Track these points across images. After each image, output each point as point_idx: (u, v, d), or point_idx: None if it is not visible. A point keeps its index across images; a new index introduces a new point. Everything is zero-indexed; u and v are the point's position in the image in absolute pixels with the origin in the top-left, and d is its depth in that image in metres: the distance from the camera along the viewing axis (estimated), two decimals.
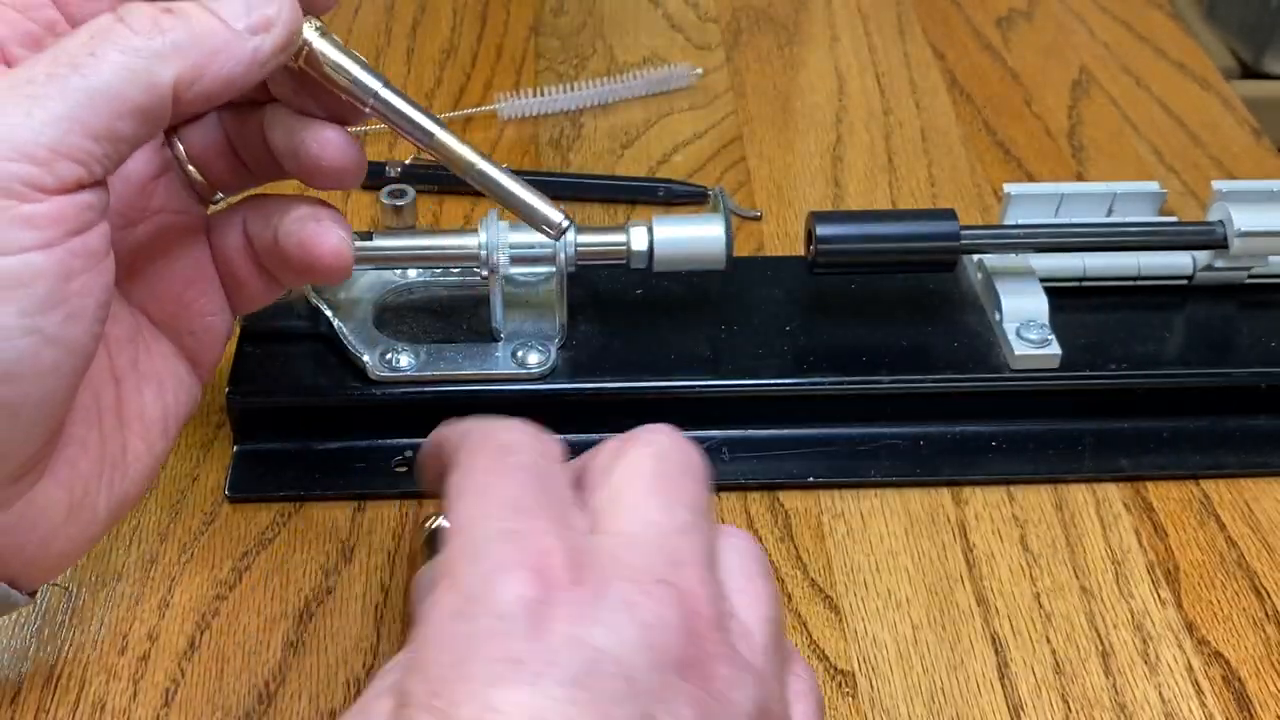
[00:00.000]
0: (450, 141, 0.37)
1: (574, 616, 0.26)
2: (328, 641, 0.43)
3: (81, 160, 0.31)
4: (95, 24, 0.32)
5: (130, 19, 0.32)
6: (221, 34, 0.33)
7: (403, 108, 0.38)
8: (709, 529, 0.31)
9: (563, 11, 0.77)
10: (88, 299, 0.32)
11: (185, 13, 0.32)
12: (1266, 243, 0.51)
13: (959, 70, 0.73)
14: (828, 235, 0.49)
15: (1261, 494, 0.49)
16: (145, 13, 0.32)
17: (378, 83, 0.37)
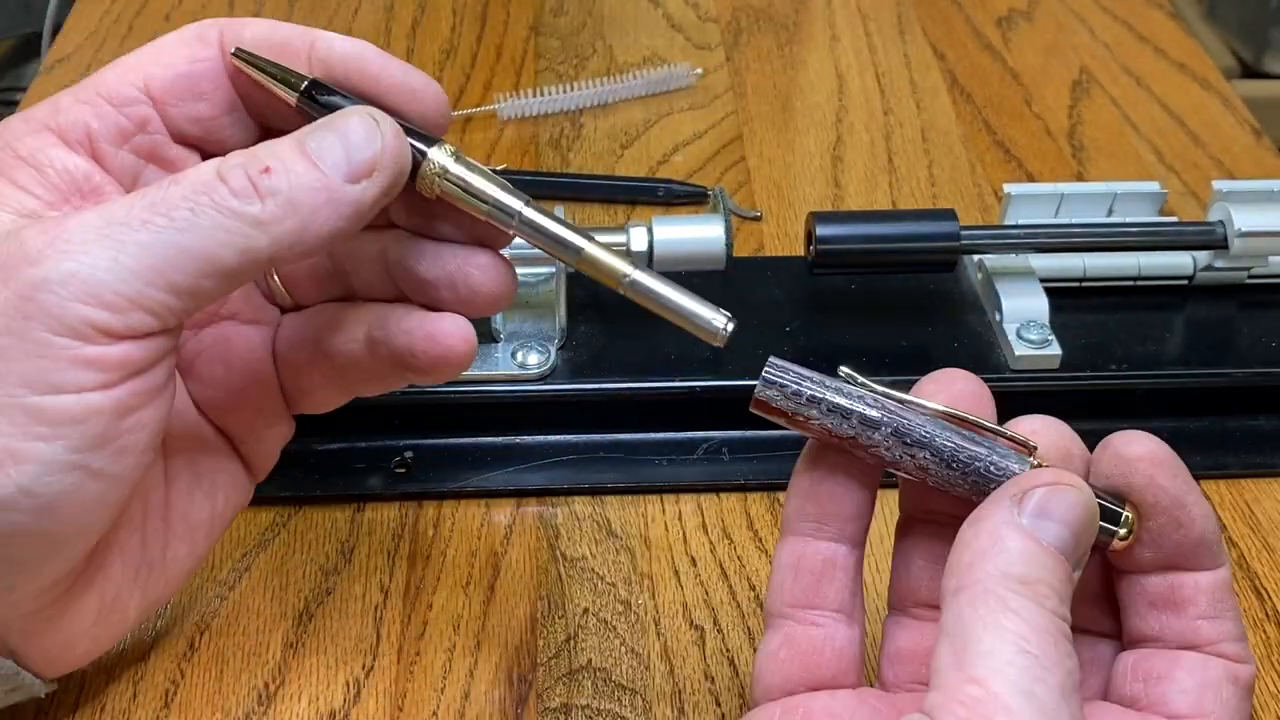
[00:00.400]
0: (600, 255, 0.34)
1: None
2: (327, 642, 0.43)
3: (158, 313, 0.30)
4: (197, 177, 0.31)
5: (231, 178, 0.31)
6: (323, 190, 0.31)
7: (550, 226, 0.35)
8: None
9: (562, 11, 0.77)
10: (140, 434, 0.32)
11: (286, 169, 0.31)
12: (1267, 243, 0.51)
13: (959, 70, 0.73)
14: (828, 235, 0.49)
15: (1262, 494, 0.49)
16: (246, 172, 0.31)
17: (519, 203, 0.34)
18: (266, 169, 0.31)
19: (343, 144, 0.32)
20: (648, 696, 0.42)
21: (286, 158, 0.31)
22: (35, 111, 0.34)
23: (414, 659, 0.43)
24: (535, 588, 0.45)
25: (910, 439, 0.32)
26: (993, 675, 0.27)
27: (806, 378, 0.33)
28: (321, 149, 0.31)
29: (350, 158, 0.31)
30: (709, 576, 0.46)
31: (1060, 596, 0.29)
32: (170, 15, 0.75)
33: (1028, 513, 0.30)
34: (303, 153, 0.31)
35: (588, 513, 0.48)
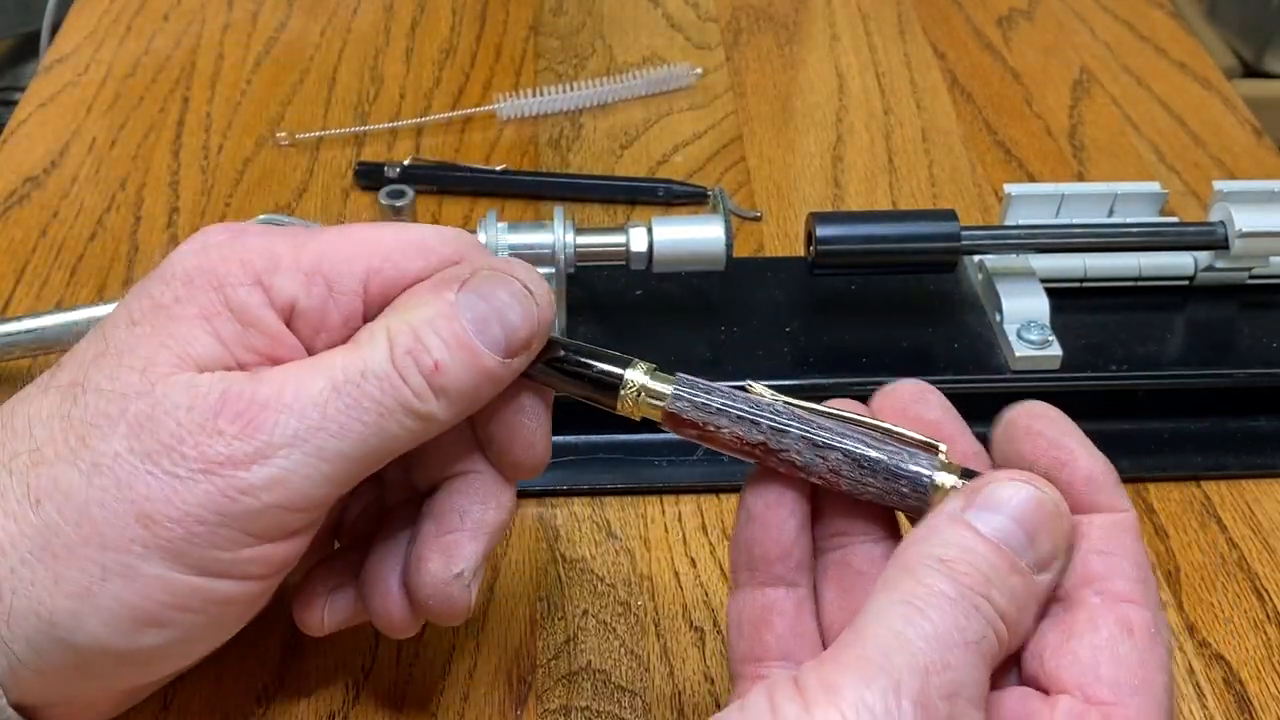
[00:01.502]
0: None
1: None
2: (326, 643, 0.43)
3: (327, 508, 0.33)
4: (378, 367, 0.32)
5: (409, 377, 0.32)
6: (482, 374, 0.33)
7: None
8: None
9: (562, 11, 0.77)
10: (253, 611, 0.35)
11: (452, 361, 0.32)
12: (1267, 243, 0.51)
13: (959, 70, 0.73)
14: (828, 236, 0.49)
15: (1263, 495, 0.49)
16: (419, 369, 0.32)
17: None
18: (436, 366, 0.32)
19: (498, 320, 0.33)
20: (647, 698, 0.42)
21: (449, 343, 0.32)
22: (253, 256, 0.33)
23: (413, 660, 0.43)
24: (535, 589, 0.45)
25: (819, 442, 0.33)
26: (871, 625, 0.28)
27: (715, 389, 0.34)
28: (479, 324, 0.32)
29: (509, 335, 0.33)
30: (709, 578, 0.46)
31: (989, 581, 0.29)
32: (169, 15, 0.75)
33: (974, 507, 0.30)
34: (461, 337, 0.32)
35: (587, 514, 0.48)
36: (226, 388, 0.31)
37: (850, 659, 0.27)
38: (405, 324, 0.32)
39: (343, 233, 0.34)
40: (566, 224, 0.48)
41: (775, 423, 0.33)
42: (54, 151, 0.65)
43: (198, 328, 0.32)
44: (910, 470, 0.32)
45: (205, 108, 0.68)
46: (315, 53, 0.72)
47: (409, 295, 0.33)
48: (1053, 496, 0.30)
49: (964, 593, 0.28)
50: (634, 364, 0.34)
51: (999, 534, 0.29)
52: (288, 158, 0.65)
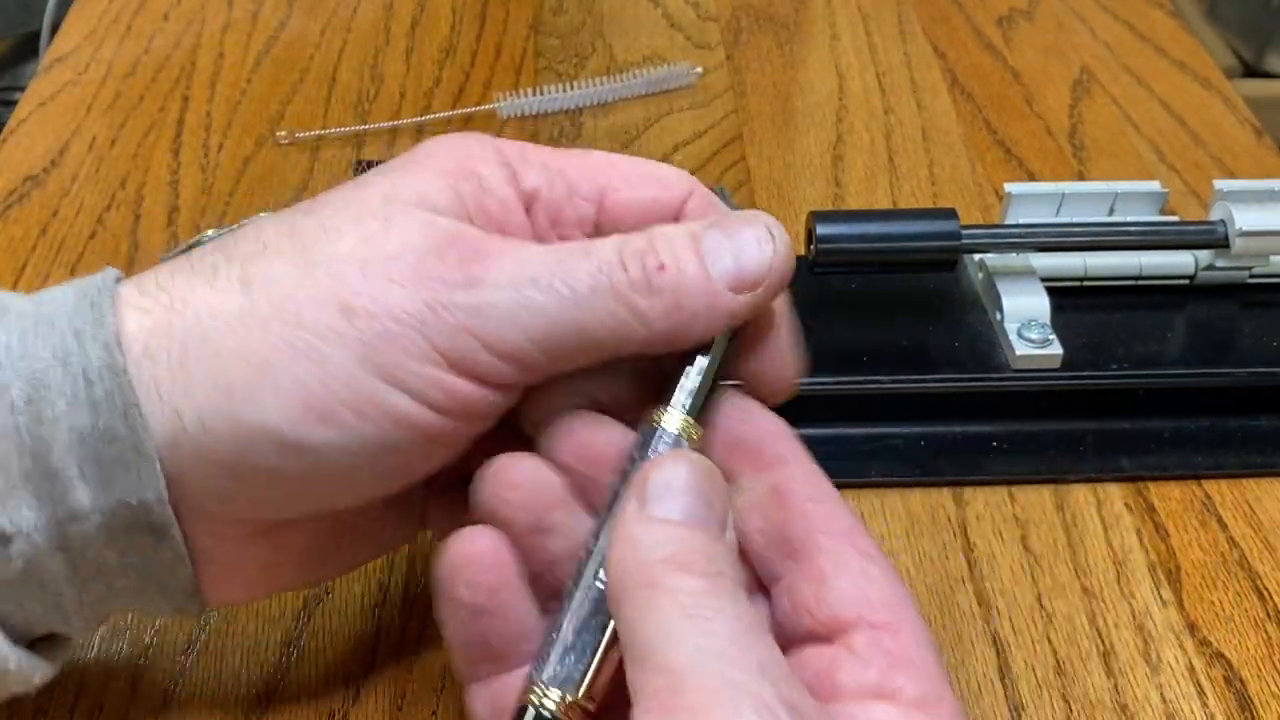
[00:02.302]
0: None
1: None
2: (326, 642, 0.43)
3: (526, 368, 0.32)
4: (602, 255, 0.32)
5: (630, 266, 0.32)
6: (706, 296, 0.32)
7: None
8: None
9: (562, 10, 0.77)
10: (424, 466, 0.34)
11: (679, 267, 0.32)
12: (1268, 242, 0.51)
13: (960, 69, 0.73)
14: (828, 235, 0.49)
15: (1264, 494, 0.49)
16: (644, 263, 0.32)
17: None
18: (662, 265, 0.32)
19: (734, 252, 0.32)
20: None
21: (680, 255, 0.32)
22: (505, 146, 0.35)
23: (413, 660, 0.42)
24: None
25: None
26: (669, 655, 0.27)
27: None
28: (715, 252, 0.32)
29: (740, 267, 0.32)
30: None
31: (712, 559, 0.29)
32: (169, 14, 0.75)
33: (648, 501, 0.30)
34: (696, 252, 0.32)
35: None
36: (459, 230, 0.32)
37: (692, 704, 0.26)
38: (645, 234, 0.33)
39: (584, 153, 0.36)
40: None
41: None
42: (54, 150, 0.65)
43: (442, 180, 0.33)
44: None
45: (205, 107, 0.68)
46: (315, 52, 0.72)
47: (657, 226, 0.34)
48: (705, 461, 0.31)
49: (712, 582, 0.28)
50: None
51: (687, 513, 0.30)
52: (288, 157, 0.65)
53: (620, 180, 0.35)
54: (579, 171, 0.35)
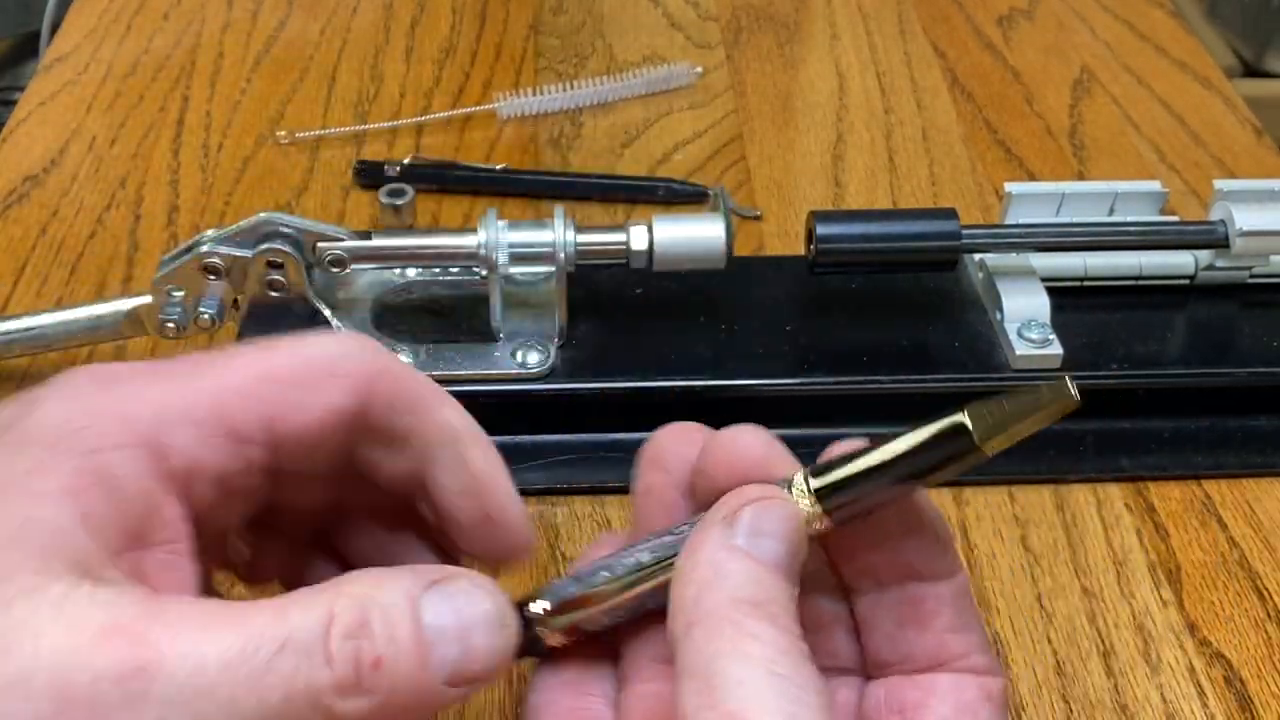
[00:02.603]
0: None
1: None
2: None
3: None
4: (300, 643, 0.25)
5: (339, 661, 0.25)
6: (419, 694, 0.26)
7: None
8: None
9: (562, 10, 0.77)
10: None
11: (395, 660, 0.26)
12: (1268, 242, 0.50)
13: (960, 69, 0.73)
14: (828, 234, 0.49)
15: (1263, 494, 0.49)
16: (357, 657, 0.26)
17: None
18: (378, 661, 0.26)
19: (460, 638, 0.27)
20: None
21: (399, 637, 0.26)
22: (131, 407, 0.27)
23: None
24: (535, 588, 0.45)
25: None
26: (748, 704, 0.25)
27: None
28: (438, 635, 0.27)
29: (466, 662, 0.27)
30: None
31: (791, 614, 0.27)
32: (169, 14, 0.75)
33: (741, 533, 0.28)
34: (417, 636, 0.26)
35: (587, 512, 0.48)
36: (110, 621, 0.24)
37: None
38: (355, 601, 0.26)
39: (230, 364, 0.28)
40: (567, 222, 0.48)
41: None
42: (54, 150, 0.65)
43: (63, 510, 0.25)
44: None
45: (205, 106, 0.68)
46: (315, 51, 0.72)
47: (368, 574, 0.28)
48: (799, 511, 0.29)
49: (793, 643, 0.27)
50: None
51: (776, 559, 0.28)
52: (287, 156, 0.65)
53: (282, 396, 0.28)
54: (236, 405, 0.28)
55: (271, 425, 0.28)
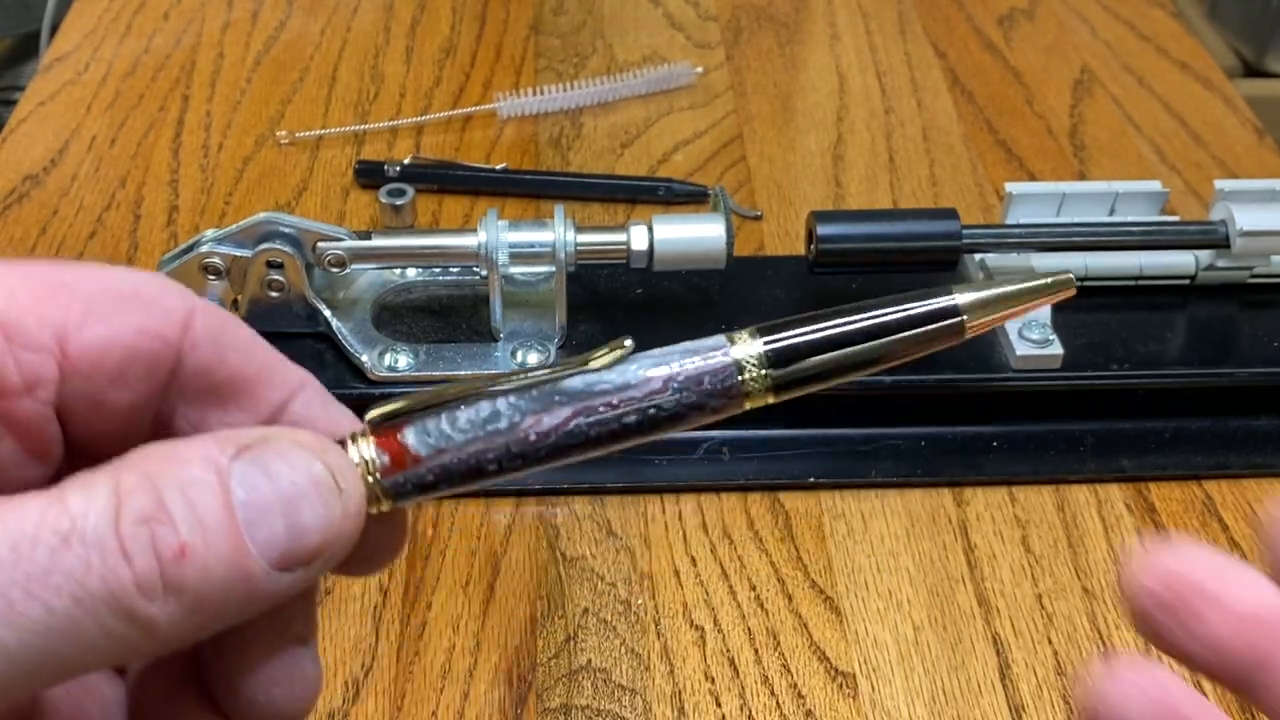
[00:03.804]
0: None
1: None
2: (326, 643, 0.43)
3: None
4: (92, 535, 0.21)
5: (136, 556, 0.21)
6: (241, 582, 0.22)
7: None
8: None
9: (562, 10, 0.77)
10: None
11: (205, 548, 0.22)
12: (1269, 242, 0.50)
13: (960, 69, 0.73)
14: (828, 235, 0.49)
15: (1264, 495, 0.49)
16: (155, 548, 0.21)
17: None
18: (182, 549, 0.21)
19: (285, 519, 0.23)
20: (648, 697, 0.42)
21: (207, 520, 0.22)
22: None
23: (413, 659, 0.42)
24: (535, 588, 0.45)
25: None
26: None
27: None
28: (256, 510, 0.22)
29: (294, 538, 0.23)
30: (709, 576, 0.45)
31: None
32: (169, 13, 0.75)
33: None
34: (228, 513, 0.22)
35: (587, 512, 0.48)
36: None
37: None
38: (146, 478, 0.22)
39: (27, 271, 0.24)
40: (567, 222, 0.48)
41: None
42: (54, 150, 0.65)
43: None
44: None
45: (205, 106, 0.68)
46: (315, 51, 0.72)
47: (159, 446, 0.23)
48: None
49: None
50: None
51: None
52: (288, 156, 0.65)
53: (84, 310, 0.24)
54: (21, 306, 0.23)
55: (64, 340, 0.23)
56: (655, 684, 0.42)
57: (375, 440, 0.25)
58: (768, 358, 0.26)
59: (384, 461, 0.25)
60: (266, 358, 0.26)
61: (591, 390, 0.26)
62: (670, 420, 0.26)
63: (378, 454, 0.25)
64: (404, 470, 0.25)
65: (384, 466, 0.25)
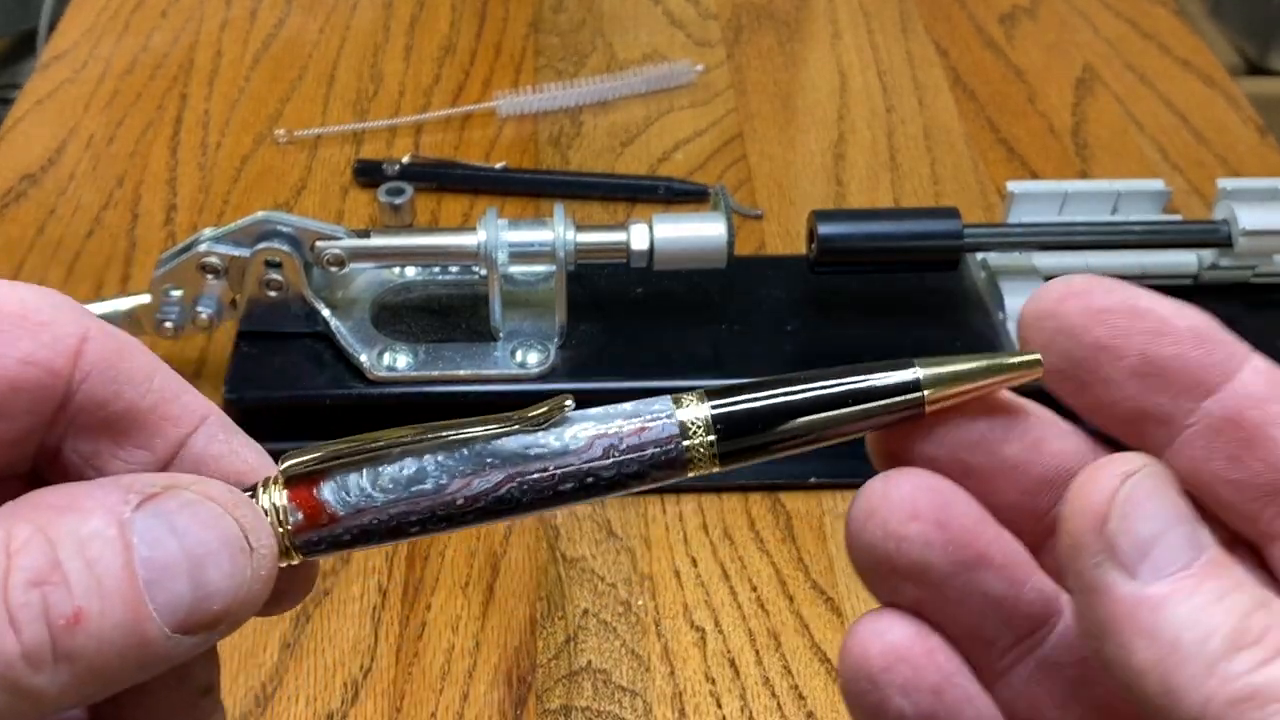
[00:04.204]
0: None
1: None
2: (325, 644, 0.43)
3: None
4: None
5: (24, 626, 0.19)
6: (137, 648, 0.20)
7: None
8: None
9: (562, 8, 0.77)
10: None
11: (101, 614, 0.20)
12: (1272, 241, 0.50)
13: (962, 67, 0.72)
14: (829, 234, 0.49)
15: None
16: (48, 617, 0.20)
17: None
18: (77, 615, 0.20)
19: (192, 578, 0.21)
20: (648, 698, 0.41)
21: (106, 580, 0.20)
22: None
23: (412, 660, 0.42)
24: (535, 588, 0.45)
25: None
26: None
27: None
28: (159, 569, 0.20)
29: (195, 603, 0.21)
30: (710, 577, 0.45)
31: (1250, 595, 0.20)
32: (167, 11, 0.75)
33: (1139, 571, 0.20)
34: (131, 584, 0.20)
35: (588, 513, 0.47)
36: None
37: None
38: (40, 532, 0.20)
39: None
40: (567, 221, 0.48)
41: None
42: (51, 149, 0.65)
43: None
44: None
45: (203, 105, 0.68)
46: (314, 50, 0.72)
47: (54, 493, 0.21)
48: (1141, 459, 0.22)
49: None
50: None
51: (1192, 553, 0.21)
52: (286, 155, 0.65)
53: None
54: None
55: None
56: (656, 685, 0.42)
57: (289, 494, 0.23)
58: (714, 423, 0.24)
59: (298, 518, 0.23)
60: (166, 387, 0.23)
61: (526, 454, 0.24)
62: (608, 487, 0.24)
63: (291, 510, 0.23)
64: (318, 528, 0.23)
65: (298, 523, 0.23)
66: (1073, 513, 0.21)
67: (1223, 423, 0.22)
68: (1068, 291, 0.23)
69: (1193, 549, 0.21)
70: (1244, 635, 0.20)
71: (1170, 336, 0.23)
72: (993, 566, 0.23)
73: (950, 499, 0.23)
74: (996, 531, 0.23)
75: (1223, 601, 0.20)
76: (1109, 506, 0.21)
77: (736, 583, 0.45)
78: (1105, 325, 0.23)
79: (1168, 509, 0.21)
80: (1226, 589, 0.20)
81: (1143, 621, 0.20)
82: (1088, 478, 0.21)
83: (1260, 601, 0.20)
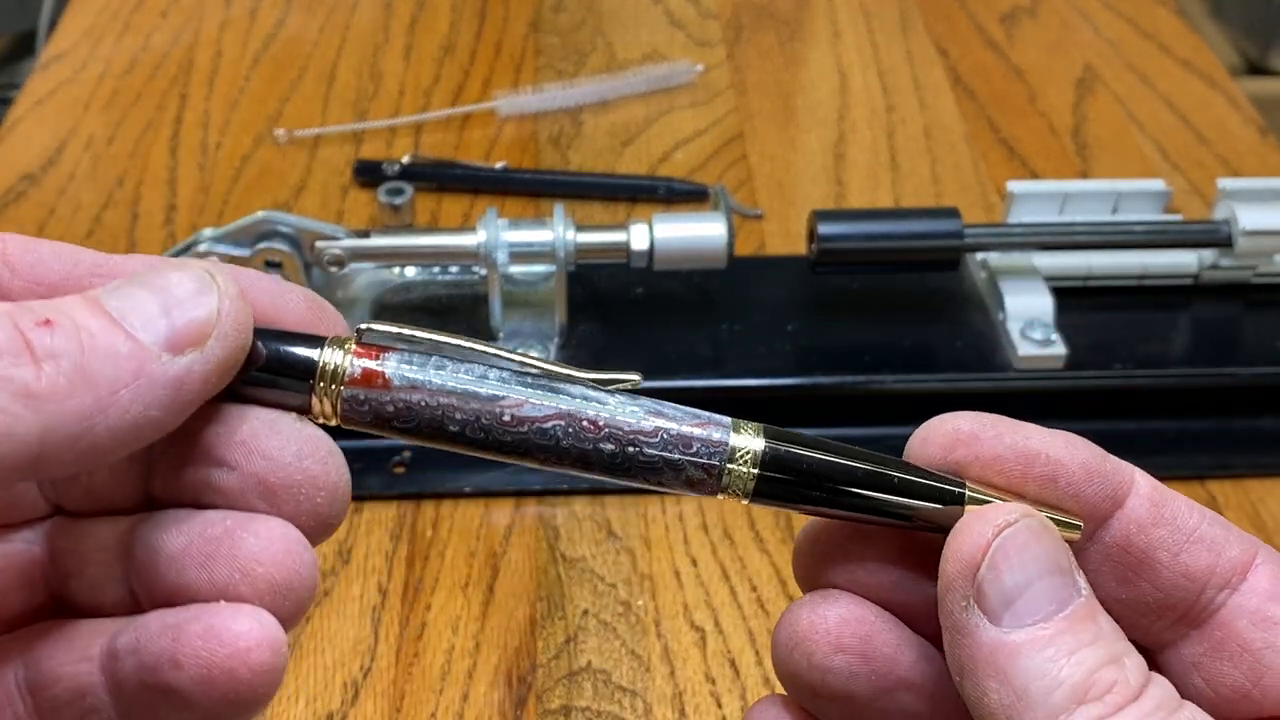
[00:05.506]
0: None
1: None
2: (325, 644, 0.43)
3: None
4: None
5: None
6: (131, 359, 0.21)
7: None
8: None
9: (562, 8, 0.77)
10: None
11: (74, 325, 0.21)
12: (1272, 241, 0.50)
13: (962, 67, 0.72)
14: (830, 234, 0.49)
15: (1268, 495, 0.49)
16: (14, 321, 0.20)
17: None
18: (46, 320, 0.21)
19: (159, 300, 0.22)
20: (648, 699, 0.41)
21: (76, 313, 0.21)
22: None
23: (412, 660, 0.42)
24: (535, 589, 0.45)
25: (585, 418, 0.24)
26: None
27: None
28: (128, 306, 0.22)
29: (171, 318, 0.22)
30: (710, 577, 0.45)
31: (1111, 654, 0.22)
32: (167, 12, 0.75)
33: (1002, 617, 0.22)
34: (98, 308, 0.21)
35: (588, 513, 0.47)
36: None
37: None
38: (5, 314, 0.21)
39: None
40: (567, 221, 0.48)
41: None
42: (51, 149, 0.65)
43: None
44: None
45: (203, 105, 0.68)
46: (314, 50, 0.72)
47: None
48: (1021, 509, 0.24)
49: (1126, 694, 0.22)
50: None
51: (1060, 604, 0.22)
52: (286, 155, 0.65)
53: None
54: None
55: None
56: (656, 685, 0.42)
57: (357, 349, 0.24)
58: (763, 457, 0.24)
59: (355, 374, 0.24)
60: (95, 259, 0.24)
61: (585, 401, 0.25)
62: (641, 468, 0.24)
63: (353, 365, 0.24)
64: (368, 388, 0.24)
65: (352, 377, 0.24)
66: (949, 556, 0.23)
67: (1111, 549, 0.24)
68: (955, 439, 0.25)
69: (1053, 602, 0.22)
70: (1088, 690, 0.21)
71: (1064, 479, 0.24)
72: (913, 689, 0.24)
73: (873, 629, 0.24)
74: (918, 653, 0.24)
75: (1074, 655, 0.21)
76: (981, 556, 0.22)
77: (737, 583, 0.45)
78: (1001, 476, 0.24)
79: (1038, 562, 0.22)
80: (1081, 643, 0.22)
81: (999, 666, 0.22)
82: (967, 525, 0.23)
83: (1112, 657, 0.22)
